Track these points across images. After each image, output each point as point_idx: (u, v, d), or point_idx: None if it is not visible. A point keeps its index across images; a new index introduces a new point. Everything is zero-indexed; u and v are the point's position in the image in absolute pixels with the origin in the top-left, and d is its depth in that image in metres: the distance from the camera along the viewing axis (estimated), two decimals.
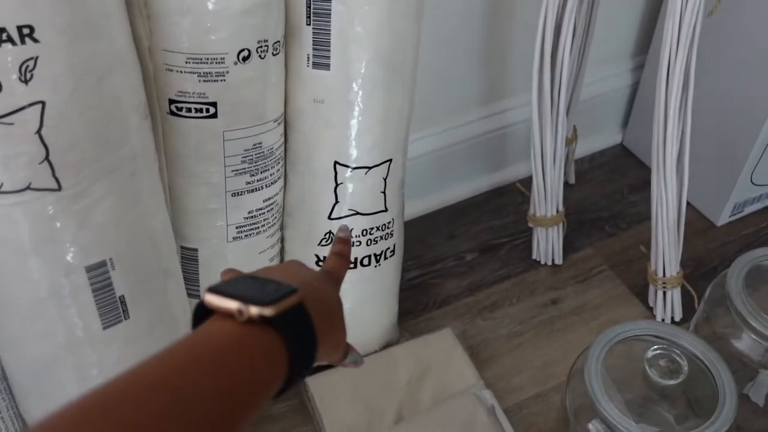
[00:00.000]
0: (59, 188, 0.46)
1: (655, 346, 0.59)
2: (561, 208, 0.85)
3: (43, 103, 0.44)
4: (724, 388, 0.59)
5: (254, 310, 0.32)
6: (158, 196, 0.56)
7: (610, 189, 1.00)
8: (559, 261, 0.89)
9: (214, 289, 0.34)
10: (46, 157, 0.45)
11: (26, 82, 0.43)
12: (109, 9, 0.48)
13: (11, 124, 0.44)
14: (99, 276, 0.50)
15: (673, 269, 0.78)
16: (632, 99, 1.03)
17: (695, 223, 0.95)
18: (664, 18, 0.67)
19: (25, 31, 0.42)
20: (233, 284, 0.35)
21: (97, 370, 0.53)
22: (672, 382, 0.58)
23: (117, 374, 0.28)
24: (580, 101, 0.91)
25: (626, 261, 0.90)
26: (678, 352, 0.59)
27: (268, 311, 0.32)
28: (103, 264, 0.50)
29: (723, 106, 0.88)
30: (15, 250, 0.48)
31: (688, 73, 0.68)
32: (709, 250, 0.92)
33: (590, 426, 0.61)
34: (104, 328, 0.51)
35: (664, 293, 0.80)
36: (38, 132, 0.45)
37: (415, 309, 0.85)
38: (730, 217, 0.94)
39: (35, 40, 0.43)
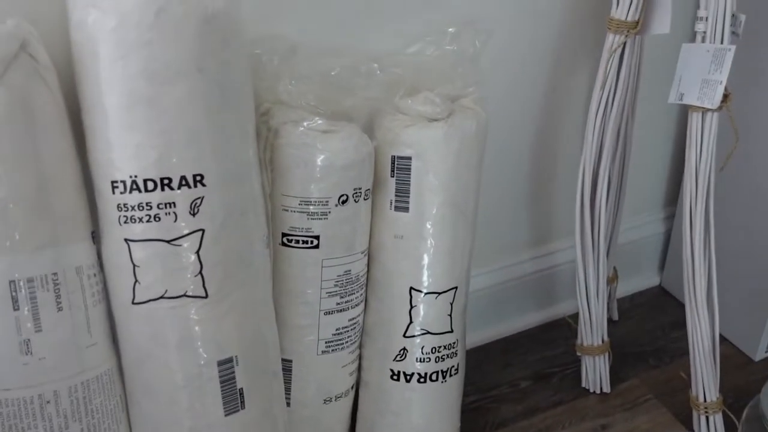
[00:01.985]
0: (206, 296, 0.60)
1: None
2: (606, 338, 0.95)
3: (203, 230, 0.59)
4: None
5: None
6: (270, 309, 0.68)
7: (651, 326, 1.09)
8: (607, 389, 0.97)
9: None
10: (200, 271, 0.59)
11: (194, 215, 0.58)
12: (249, 162, 0.64)
13: (179, 245, 0.58)
14: (226, 370, 0.62)
15: (713, 395, 0.86)
16: (667, 245, 1.15)
17: (734, 358, 1.02)
18: None
19: (198, 178, 0.58)
20: None
21: None
22: None
23: None
24: (619, 245, 1.03)
25: (670, 391, 0.97)
26: None
27: None
28: (230, 360, 0.62)
29: (751, 248, 0.98)
30: (163, 344, 0.60)
31: (708, 219, 0.80)
32: (748, 382, 0.98)
33: None
34: (225, 416, 0.62)
35: (707, 418, 0.87)
36: (197, 252, 0.59)
37: (474, 430, 0.93)
38: (766, 353, 1.02)
39: (203, 185, 0.58)
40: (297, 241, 0.72)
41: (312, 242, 0.72)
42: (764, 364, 1.01)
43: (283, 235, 0.72)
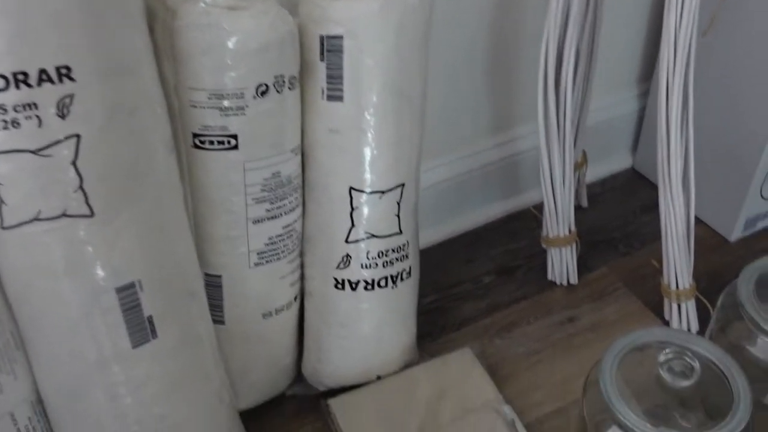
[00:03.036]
0: (92, 214, 0.50)
1: (667, 350, 0.61)
2: (573, 228, 0.88)
3: (78, 136, 0.48)
4: (739, 390, 0.60)
5: None
6: (182, 223, 0.59)
7: (622, 210, 1.02)
8: (574, 281, 0.91)
9: None
10: (81, 186, 0.49)
11: (63, 117, 0.48)
12: (137, 50, 0.52)
13: (50, 156, 0.48)
14: (128, 297, 0.53)
15: (686, 282, 0.80)
16: (640, 124, 1.06)
17: (709, 240, 0.96)
18: None
19: (63, 71, 0.47)
20: None
21: (125, 389, 0.56)
22: (685, 383, 0.59)
23: None
24: (588, 127, 0.93)
25: (640, 278, 0.92)
26: (690, 354, 0.61)
27: None
28: (132, 285, 0.53)
29: (728, 124, 0.90)
30: (48, 274, 0.51)
31: (687, 92, 0.71)
32: (723, 264, 0.93)
33: None
34: (133, 347, 0.54)
35: (679, 306, 0.81)
36: (73, 162, 0.49)
37: (434, 331, 0.87)
38: (742, 232, 0.96)
39: (72, 79, 0.47)
40: (212, 143, 0.62)
41: (229, 142, 0.62)
42: (740, 245, 0.96)
43: (195, 135, 0.62)
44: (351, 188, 0.69)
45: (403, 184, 0.70)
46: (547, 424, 0.76)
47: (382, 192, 0.69)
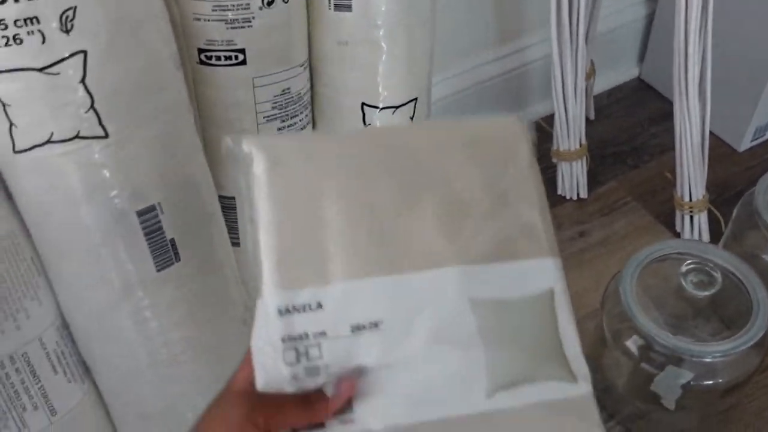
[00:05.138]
0: (106, 135, 0.48)
1: (688, 261, 0.61)
2: (584, 141, 0.86)
3: (84, 52, 0.46)
4: (757, 298, 0.60)
5: None
6: (195, 143, 0.57)
7: (630, 123, 1.01)
8: (584, 195, 0.90)
9: None
10: (92, 105, 0.47)
11: (67, 32, 0.45)
12: None
13: (57, 74, 0.45)
14: (150, 220, 0.52)
15: (699, 193, 0.79)
16: (648, 31, 1.03)
17: (717, 150, 0.95)
18: None
19: None
20: None
21: (151, 313, 0.55)
22: (707, 293, 0.59)
23: None
24: (597, 34, 0.91)
25: (650, 191, 0.91)
26: (711, 265, 0.60)
27: None
28: (152, 208, 0.52)
29: (742, 30, 0.87)
30: (67, 199, 0.50)
31: None
32: (732, 174, 0.93)
33: (628, 343, 0.62)
34: (158, 271, 0.53)
35: (691, 218, 0.81)
36: (82, 81, 0.46)
37: None
38: (751, 142, 0.95)
39: None
40: (218, 58, 0.59)
41: (237, 57, 0.59)
42: (749, 155, 0.95)
43: (200, 51, 0.59)
44: (363, 104, 0.66)
45: (416, 99, 0.68)
46: None
47: (396, 107, 0.67)
